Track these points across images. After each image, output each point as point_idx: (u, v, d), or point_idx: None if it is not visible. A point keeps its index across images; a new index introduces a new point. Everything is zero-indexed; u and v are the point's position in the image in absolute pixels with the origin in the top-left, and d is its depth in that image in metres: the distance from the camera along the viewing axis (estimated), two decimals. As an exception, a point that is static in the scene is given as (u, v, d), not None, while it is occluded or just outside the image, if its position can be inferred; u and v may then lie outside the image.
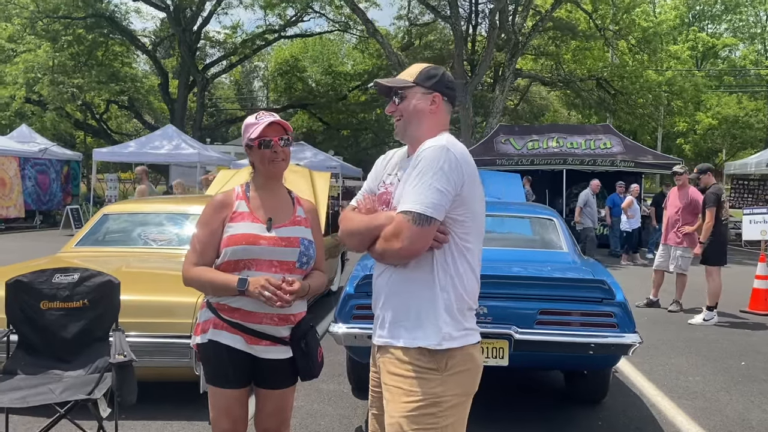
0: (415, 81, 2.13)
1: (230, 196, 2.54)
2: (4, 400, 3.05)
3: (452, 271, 2.05)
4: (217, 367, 2.45)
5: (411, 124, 2.13)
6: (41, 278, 3.49)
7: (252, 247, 2.40)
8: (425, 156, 2.00)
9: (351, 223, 2.18)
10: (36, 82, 22.92)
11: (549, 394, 5.04)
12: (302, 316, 2.51)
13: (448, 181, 1.97)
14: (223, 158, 20.19)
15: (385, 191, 2.21)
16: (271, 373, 2.47)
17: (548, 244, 5.01)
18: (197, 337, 2.50)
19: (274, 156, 2.45)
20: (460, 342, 2.04)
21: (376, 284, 2.19)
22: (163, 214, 5.89)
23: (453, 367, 2.03)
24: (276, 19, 27.36)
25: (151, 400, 4.10)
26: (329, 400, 4.61)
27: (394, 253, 2.01)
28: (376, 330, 2.17)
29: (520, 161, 16.21)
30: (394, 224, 2.00)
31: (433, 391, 2.00)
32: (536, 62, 28.23)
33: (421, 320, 2.03)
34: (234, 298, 2.40)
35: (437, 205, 1.96)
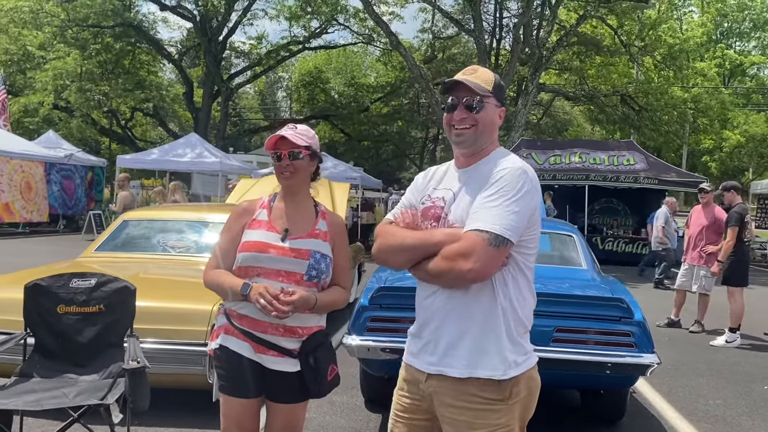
0: (492, 90, 2.02)
1: (254, 204, 2.57)
2: (19, 402, 3.07)
3: (512, 294, 1.95)
4: (227, 375, 2.44)
5: (483, 135, 2.02)
6: (59, 282, 3.53)
7: (260, 255, 2.40)
8: (504, 176, 1.91)
9: (396, 238, 2.03)
10: (64, 89, 23.36)
11: (564, 413, 4.96)
12: (314, 330, 2.47)
13: (526, 205, 1.89)
14: (244, 167, 20.34)
15: (432, 205, 2.07)
16: (279, 386, 2.43)
17: (567, 260, 4.96)
18: (212, 343, 2.52)
19: (282, 169, 2.46)
20: (524, 367, 1.96)
21: (426, 305, 2.03)
22: (183, 221, 5.92)
23: (517, 395, 1.95)
24: (300, 30, 27.63)
25: (164, 407, 4.10)
26: (341, 412, 4.58)
27: (459, 273, 1.86)
28: (423, 355, 2.02)
29: (541, 176, 16.07)
30: (465, 242, 1.86)
31: (499, 422, 1.93)
32: (560, 77, 28.10)
33: (484, 348, 1.92)
34: (241, 304, 2.40)
35: (515, 227, 1.87)
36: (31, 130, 26.05)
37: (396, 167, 42.17)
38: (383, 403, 4.60)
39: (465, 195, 1.98)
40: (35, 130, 26.18)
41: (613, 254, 15.87)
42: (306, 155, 2.47)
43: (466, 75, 2.03)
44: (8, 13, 23.57)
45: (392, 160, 39.88)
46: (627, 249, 16.56)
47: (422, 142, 37.68)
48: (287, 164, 2.45)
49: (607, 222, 18.32)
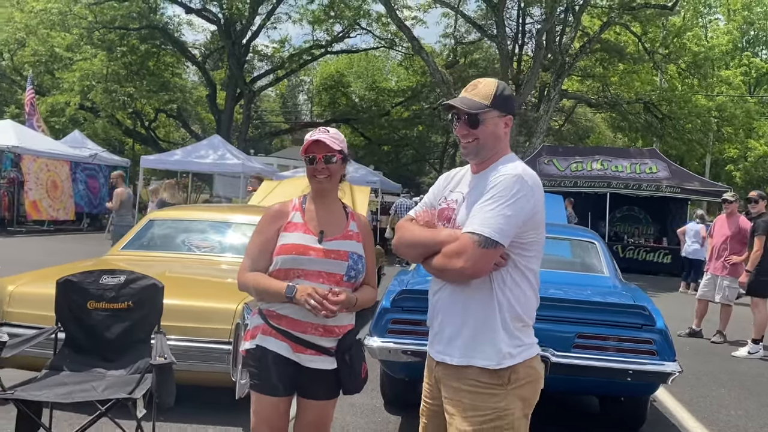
0: (491, 104, 2.12)
1: (287, 206, 2.61)
2: (51, 394, 3.15)
3: (511, 292, 2.08)
4: (262, 374, 2.48)
5: (485, 147, 2.14)
6: (89, 279, 3.61)
7: (301, 258, 2.45)
8: (500, 182, 2.03)
9: (411, 235, 2.23)
10: (90, 90, 23.71)
11: (583, 420, 4.96)
12: (348, 329, 2.53)
13: (519, 209, 2.01)
14: (266, 169, 20.48)
15: (446, 207, 2.24)
16: (314, 383, 2.49)
17: (589, 267, 4.96)
18: (246, 342, 2.55)
19: (317, 172, 2.50)
20: (520, 358, 2.09)
21: (434, 300, 2.22)
22: (207, 221, 6.01)
23: (516, 381, 2.07)
24: (323, 34, 27.77)
25: (188, 404, 4.17)
26: (362, 413, 4.62)
27: (455, 271, 2.04)
28: (434, 345, 2.21)
29: (563, 182, 16.05)
30: (459, 243, 2.02)
31: (498, 406, 2.05)
32: (582, 83, 27.94)
33: (479, 340, 2.07)
34: (281, 306, 2.45)
35: (504, 231, 2.00)
36: (57, 129, 26.43)
37: (415, 172, 42.17)
38: (403, 404, 4.65)
39: (470, 199, 2.13)
40: (61, 129, 26.58)
41: (634, 263, 15.76)
42: (339, 159, 2.52)
43: (467, 92, 2.17)
44: (38, 15, 23.96)
45: (412, 164, 39.87)
46: (648, 257, 16.45)
47: (442, 147, 37.64)
48: (322, 167, 2.49)
49: (629, 230, 18.20)
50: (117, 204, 10.73)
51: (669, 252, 16.06)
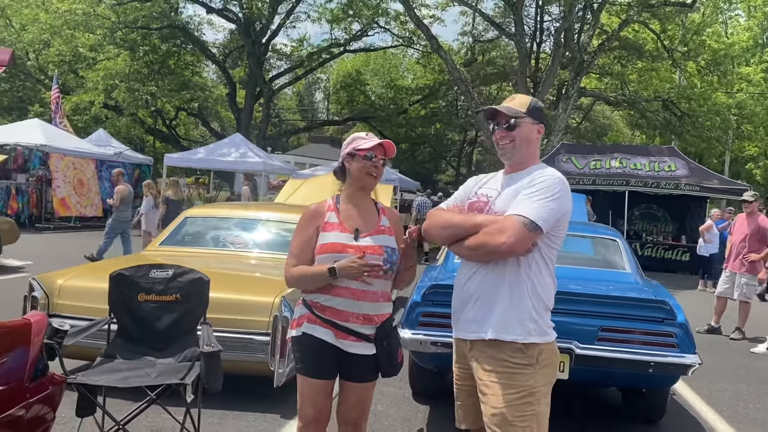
0: (527, 112, 2.46)
1: (322, 206, 2.80)
2: (108, 379, 3.38)
3: (536, 277, 2.38)
4: (307, 358, 2.69)
5: (520, 149, 2.46)
6: (140, 273, 3.84)
7: (340, 255, 2.64)
8: (545, 180, 2.36)
9: (444, 217, 2.54)
10: (113, 89, 24.11)
11: (605, 412, 5.12)
12: (386, 317, 2.73)
13: (560, 206, 2.34)
14: (285, 167, 20.75)
15: (477, 200, 2.55)
16: (355, 367, 2.69)
17: (611, 264, 5.11)
18: (292, 331, 2.76)
19: (372, 170, 2.71)
20: (544, 338, 2.38)
21: (466, 286, 2.47)
22: (240, 219, 6.24)
23: (542, 361, 2.36)
24: (342, 33, 27.98)
25: (229, 392, 4.39)
26: (391, 402, 4.82)
27: (493, 246, 2.30)
28: (465, 327, 2.47)
29: (581, 180, 16.11)
30: (504, 222, 2.30)
31: (528, 383, 2.32)
32: (601, 81, 27.91)
33: (509, 316, 2.35)
34: (325, 297, 2.66)
35: (546, 219, 2.31)
36: (80, 128, 26.88)
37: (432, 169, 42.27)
38: (431, 394, 4.84)
39: (508, 192, 2.44)
40: (84, 128, 27.03)
41: (652, 260, 15.80)
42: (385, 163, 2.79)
43: (506, 102, 2.53)
44: (62, 16, 24.41)
45: (429, 162, 39.98)
46: (667, 255, 16.48)
47: (459, 145, 37.72)
48: (379, 167, 2.73)
49: (647, 228, 18.22)
50: (118, 201, 11.11)
51: (687, 250, 16.09)
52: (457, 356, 2.57)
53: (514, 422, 2.29)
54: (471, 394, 2.47)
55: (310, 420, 2.72)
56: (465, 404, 2.55)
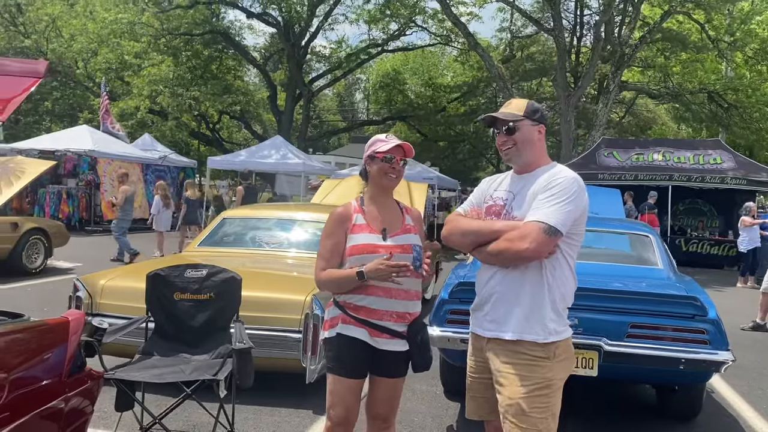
0: (524, 115, 2.51)
1: (348, 209, 2.86)
2: (145, 375, 3.52)
3: (558, 277, 2.44)
4: (341, 358, 2.75)
5: (523, 151, 2.52)
6: (175, 272, 3.99)
7: (371, 256, 2.70)
8: (560, 182, 2.41)
9: (464, 224, 2.60)
10: (158, 94, 24.78)
11: (639, 408, 5.07)
12: (417, 315, 2.80)
13: (576, 206, 2.39)
14: (324, 168, 20.98)
15: (493, 204, 2.60)
16: (387, 362, 2.76)
17: (643, 260, 5.06)
18: (326, 332, 2.82)
19: (391, 170, 2.77)
20: (563, 335, 2.45)
21: (488, 285, 2.54)
22: (275, 219, 6.39)
23: (559, 356, 2.43)
24: (379, 33, 28.10)
25: (263, 389, 4.52)
26: (422, 399, 4.88)
27: (515, 252, 2.36)
28: (484, 324, 2.54)
29: (622, 176, 15.83)
30: (524, 228, 2.36)
31: (546, 376, 2.39)
32: (643, 74, 27.32)
33: (529, 317, 2.41)
34: (358, 297, 2.72)
35: (565, 222, 2.37)
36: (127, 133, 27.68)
37: (472, 167, 42.06)
38: (461, 391, 4.86)
39: (522, 196, 2.49)
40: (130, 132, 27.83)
41: (697, 256, 15.44)
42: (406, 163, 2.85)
43: (503, 109, 2.59)
44: (109, 25, 25.20)
45: (468, 160, 39.80)
46: (712, 251, 16.07)
47: (499, 142, 37.38)
48: (399, 168, 2.79)
49: (692, 223, 17.77)
50: (121, 200, 11.59)
51: (734, 245, 15.63)
52: (473, 349, 2.64)
53: (531, 413, 2.34)
54: (485, 386, 2.53)
55: (341, 420, 2.76)
56: (478, 396, 2.61)
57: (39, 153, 16.83)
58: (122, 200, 11.58)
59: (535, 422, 2.34)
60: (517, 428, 2.36)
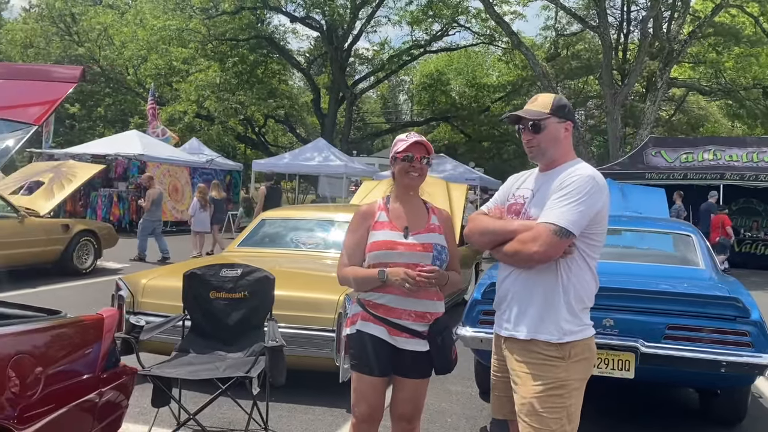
0: (550, 112, 2.44)
1: (373, 207, 2.88)
2: (181, 372, 3.61)
3: (576, 278, 2.37)
4: (361, 355, 2.76)
5: (549, 149, 2.46)
6: (211, 271, 4.08)
7: (390, 252, 2.71)
8: (574, 181, 2.33)
9: (483, 223, 2.57)
10: (205, 99, 25.37)
11: (681, 412, 4.93)
12: (438, 315, 2.77)
13: (590, 206, 2.31)
14: (367, 170, 21.09)
15: (514, 202, 2.55)
16: (409, 363, 2.75)
17: (684, 260, 4.92)
18: (347, 328, 2.84)
19: (412, 169, 2.76)
20: (579, 336, 2.37)
21: (503, 285, 2.53)
22: (313, 220, 6.46)
23: (575, 356, 2.36)
24: (422, 34, 28.11)
25: (297, 387, 4.57)
26: (457, 400, 4.85)
27: (527, 255, 2.32)
28: (502, 323, 2.52)
29: (671, 175, 15.41)
30: (535, 230, 2.31)
31: (559, 376, 2.33)
32: (694, 70, 26.58)
33: (543, 318, 2.36)
34: (378, 295, 2.72)
35: (577, 223, 2.30)
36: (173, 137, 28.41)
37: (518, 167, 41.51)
38: (497, 393, 4.83)
39: (541, 195, 2.44)
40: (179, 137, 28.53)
41: (751, 257, 14.91)
42: (429, 161, 2.81)
43: (528, 105, 2.52)
44: (158, 32, 25.95)
45: (514, 159, 39.31)
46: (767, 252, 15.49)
47: (545, 141, 36.87)
48: (419, 166, 2.76)
49: (746, 224, 17.15)
50: (149, 204, 12.05)
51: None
52: (495, 348, 2.63)
53: (543, 413, 2.30)
54: (507, 385, 2.50)
55: (364, 417, 2.78)
56: (501, 395, 2.58)
57: (91, 157, 17.43)
58: (149, 203, 12.08)
59: (548, 422, 2.30)
60: (530, 428, 2.32)
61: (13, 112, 2.39)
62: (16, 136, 2.24)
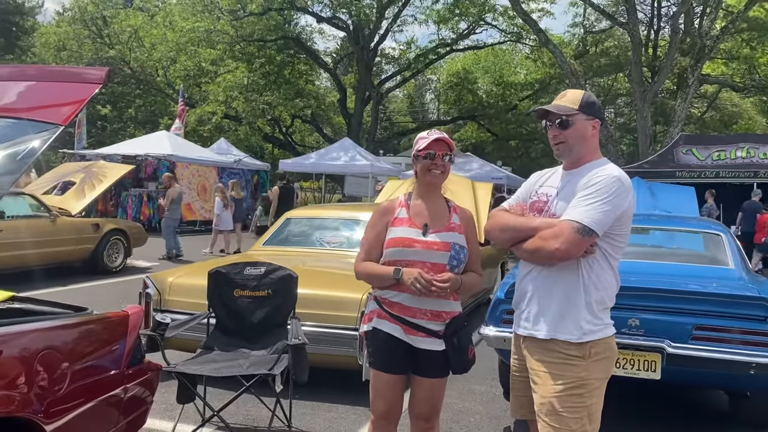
0: (579, 108, 2.40)
1: (394, 203, 2.88)
2: (205, 369, 3.66)
3: (597, 277, 2.35)
4: (378, 353, 2.77)
5: (575, 147, 2.42)
6: (235, 270, 4.13)
7: (407, 250, 2.70)
8: (600, 181, 2.31)
9: (504, 220, 2.55)
10: (233, 100, 25.63)
11: (709, 414, 4.84)
12: (455, 315, 2.75)
13: (616, 206, 2.29)
14: (393, 169, 21.09)
15: (537, 200, 2.53)
16: (426, 362, 2.73)
17: (714, 259, 4.83)
18: (364, 325, 2.85)
19: (434, 167, 2.73)
20: (599, 335, 2.35)
21: (522, 283, 2.50)
22: (337, 219, 6.49)
23: (596, 355, 2.34)
24: (448, 32, 28.00)
25: (320, 385, 4.60)
26: (481, 400, 4.83)
27: (548, 252, 2.30)
28: (521, 322, 2.49)
29: (703, 173, 15.14)
30: (558, 228, 2.29)
31: (579, 375, 2.31)
32: (727, 66, 26.04)
33: (564, 316, 2.35)
34: (393, 293, 2.72)
35: (601, 222, 2.27)
36: (205, 137, 28.74)
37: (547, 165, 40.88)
38: (520, 393, 4.79)
39: (566, 193, 2.42)
40: (208, 137, 28.86)
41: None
42: (452, 158, 2.78)
43: (557, 101, 2.48)
44: (186, 34, 26.27)
45: (542, 158, 38.91)
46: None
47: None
48: (442, 164, 2.74)
49: (780, 222, 16.73)
50: (168, 202, 12.33)
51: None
52: (514, 348, 2.61)
53: (563, 413, 2.28)
54: (526, 385, 2.48)
55: (382, 414, 2.80)
56: (520, 395, 2.56)
57: (121, 158, 17.74)
58: (168, 202, 12.38)
59: (568, 422, 2.27)
60: (550, 428, 2.30)
61: (40, 112, 2.44)
62: (42, 137, 2.28)
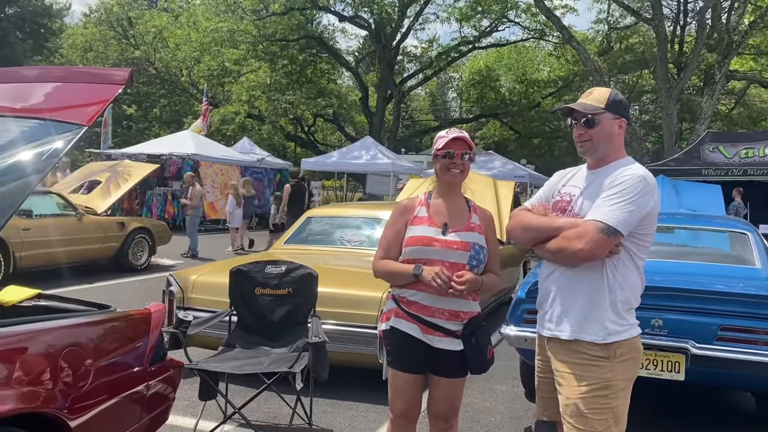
0: (605, 107, 2.37)
1: (414, 202, 2.87)
2: (226, 367, 3.69)
3: (622, 277, 2.32)
4: (396, 352, 2.77)
5: (601, 145, 2.39)
6: (257, 268, 4.16)
7: (426, 248, 2.69)
8: (626, 181, 2.28)
9: (526, 219, 2.52)
10: (256, 99, 25.81)
11: (734, 417, 4.76)
12: (473, 315, 2.74)
13: (640, 207, 2.26)
14: (414, 167, 21.07)
15: (560, 199, 2.50)
16: (444, 362, 2.72)
17: (739, 259, 4.74)
18: (382, 324, 2.84)
19: (453, 166, 2.72)
20: (624, 335, 2.32)
21: (545, 283, 2.49)
22: (358, 218, 6.50)
23: (621, 355, 2.31)
24: (471, 30, 27.89)
25: (341, 384, 4.61)
26: (502, 399, 4.81)
27: (571, 252, 2.28)
28: (545, 323, 2.48)
29: (730, 171, 14.85)
30: (582, 227, 2.27)
31: (605, 377, 2.28)
32: (756, 62, 25.56)
33: (588, 318, 2.32)
34: (411, 292, 2.71)
35: (626, 222, 2.25)
36: (228, 136, 28.99)
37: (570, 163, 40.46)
38: (542, 393, 4.76)
39: (590, 193, 2.39)
40: (231, 136, 29.12)
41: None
42: (471, 156, 2.77)
43: (583, 98, 2.45)
44: (210, 34, 26.53)
45: (565, 156, 38.59)
46: None
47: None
48: (461, 163, 2.72)
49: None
50: (197, 200, 12.75)
51: None
52: (538, 349, 2.59)
53: (588, 414, 2.25)
54: (551, 386, 2.46)
55: (400, 412, 2.80)
56: (546, 397, 2.54)
57: (146, 157, 17.96)
58: (196, 200, 12.71)
59: (593, 424, 2.25)
60: (575, 429, 2.28)
61: (64, 113, 2.48)
62: (65, 138, 2.32)
